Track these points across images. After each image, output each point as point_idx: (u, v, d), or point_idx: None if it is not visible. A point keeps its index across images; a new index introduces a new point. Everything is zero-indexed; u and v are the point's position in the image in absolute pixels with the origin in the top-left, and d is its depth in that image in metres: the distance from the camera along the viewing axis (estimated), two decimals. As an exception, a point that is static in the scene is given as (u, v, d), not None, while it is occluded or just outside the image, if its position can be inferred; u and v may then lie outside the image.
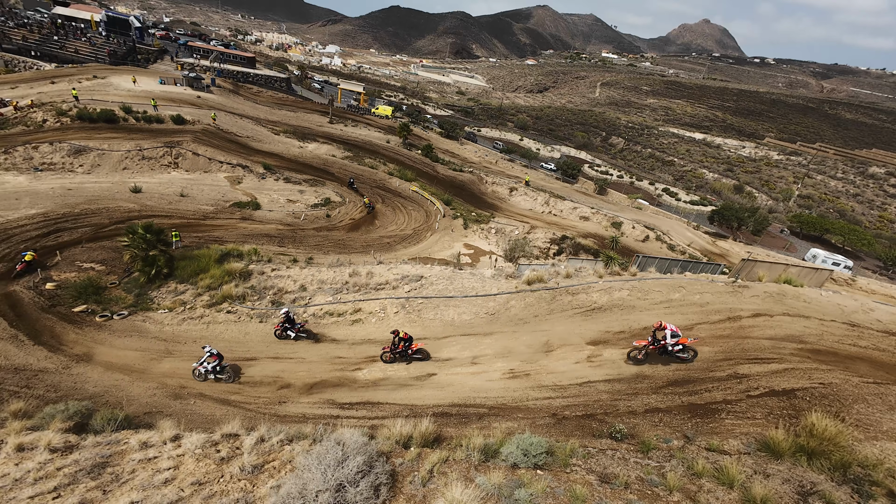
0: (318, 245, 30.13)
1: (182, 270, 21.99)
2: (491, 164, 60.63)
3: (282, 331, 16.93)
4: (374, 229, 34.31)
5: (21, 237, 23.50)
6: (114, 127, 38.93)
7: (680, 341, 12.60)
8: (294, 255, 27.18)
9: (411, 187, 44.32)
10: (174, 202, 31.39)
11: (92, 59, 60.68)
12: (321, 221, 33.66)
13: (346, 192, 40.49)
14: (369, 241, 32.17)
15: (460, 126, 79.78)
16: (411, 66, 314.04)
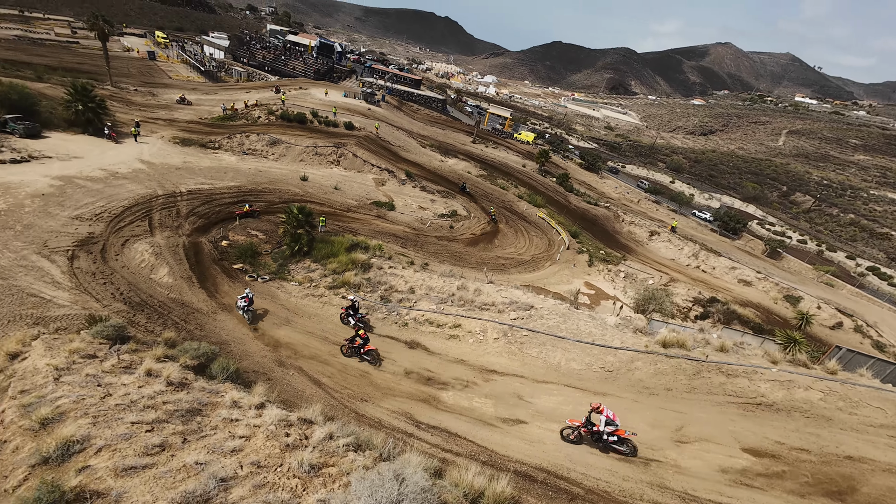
0: (436, 253, 30.32)
1: (318, 252, 24.06)
2: (631, 202, 54.69)
3: (345, 315, 17.87)
4: (492, 248, 33.33)
5: (220, 201, 28.91)
6: (303, 127, 46.23)
7: (617, 432, 10.91)
8: (412, 258, 27.70)
9: (538, 213, 42.27)
10: (328, 193, 35.33)
11: (302, 74, 74.41)
12: (444, 231, 34.03)
13: (472, 208, 40.56)
14: (485, 259, 31.22)
15: (603, 159, 74.54)
16: (562, 98, 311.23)
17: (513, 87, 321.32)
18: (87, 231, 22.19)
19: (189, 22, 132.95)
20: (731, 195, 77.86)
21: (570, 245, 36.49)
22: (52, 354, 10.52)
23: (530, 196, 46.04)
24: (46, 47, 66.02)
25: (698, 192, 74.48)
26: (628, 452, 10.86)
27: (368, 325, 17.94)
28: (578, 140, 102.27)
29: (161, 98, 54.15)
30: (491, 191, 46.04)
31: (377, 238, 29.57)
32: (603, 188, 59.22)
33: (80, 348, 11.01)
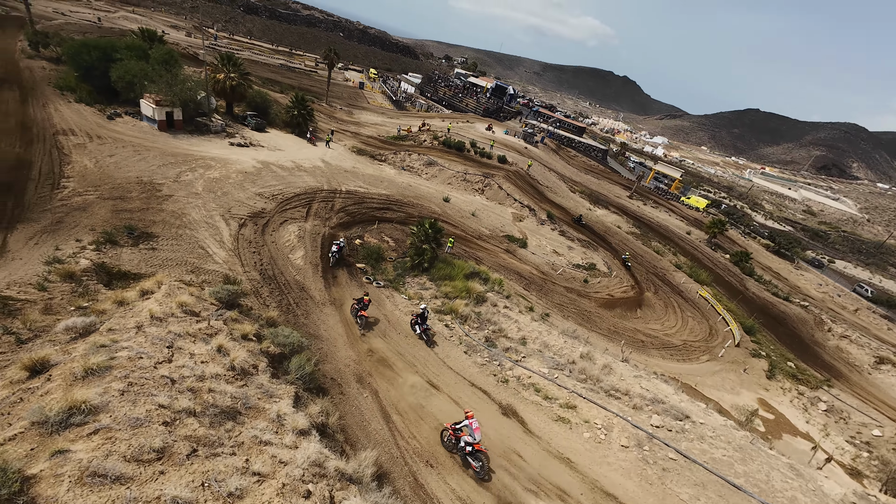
0: (562, 305, 25.92)
1: (437, 271, 22.54)
2: (843, 308, 39.83)
3: (413, 323, 17.41)
4: (631, 317, 27.15)
5: (368, 204, 30.47)
6: (459, 154, 47.48)
7: (475, 446, 9.98)
8: (533, 304, 24.02)
9: (701, 291, 33.65)
10: (465, 217, 34.39)
11: (472, 111, 78.94)
12: (576, 284, 29.32)
13: (615, 266, 34.59)
14: (619, 328, 25.40)
15: (801, 246, 57.87)
16: (747, 171, 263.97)
17: (685, 152, 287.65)
18: (261, 207, 25.22)
19: (397, 65, 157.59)
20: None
21: (742, 342, 27.46)
22: (163, 302, 10.52)
23: (692, 268, 37.41)
24: (295, 73, 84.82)
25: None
26: (479, 471, 9.93)
27: (431, 339, 17.02)
28: (766, 218, 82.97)
29: (356, 117, 63.09)
30: (642, 252, 39.08)
31: (500, 272, 26.87)
32: (798, 281, 45.09)
33: (188, 303, 10.89)
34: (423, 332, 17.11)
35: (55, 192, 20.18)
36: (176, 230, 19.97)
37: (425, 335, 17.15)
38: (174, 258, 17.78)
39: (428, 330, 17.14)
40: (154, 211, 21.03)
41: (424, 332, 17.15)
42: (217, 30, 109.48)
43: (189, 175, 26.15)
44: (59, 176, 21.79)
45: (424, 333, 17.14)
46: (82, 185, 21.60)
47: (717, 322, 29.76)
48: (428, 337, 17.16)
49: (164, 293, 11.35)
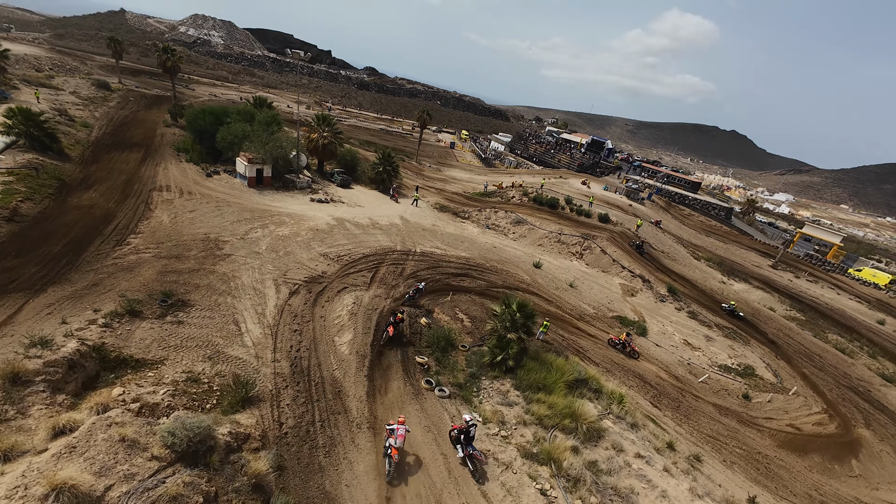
0: (714, 438, 16.84)
1: (525, 374, 15.84)
2: None
3: (455, 437, 11.74)
4: (843, 475, 16.56)
5: (444, 269, 25.53)
6: (552, 212, 41.36)
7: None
8: (671, 437, 15.56)
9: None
10: (560, 289, 27.37)
11: (566, 167, 73.27)
12: (731, 401, 19.81)
13: (786, 373, 23.78)
14: (829, 498, 15.23)
15: None
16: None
17: (818, 211, 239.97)
18: (322, 270, 21.75)
19: (489, 127, 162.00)
20: None
21: None
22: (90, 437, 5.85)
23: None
24: (392, 136, 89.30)
25: None
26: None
27: (480, 469, 11.24)
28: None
29: (443, 174, 61.57)
30: (818, 350, 27.27)
31: (614, 375, 18.98)
32: None
33: (129, 435, 6.10)
34: (468, 459, 11.36)
35: (115, 249, 18.82)
36: (217, 297, 16.81)
37: (471, 463, 11.32)
38: (198, 336, 14.20)
39: (474, 455, 11.30)
40: (204, 272, 18.45)
41: (470, 458, 11.37)
42: (333, 103, 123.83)
43: (258, 232, 24.18)
44: (130, 231, 20.88)
45: (470, 461, 11.34)
46: (147, 241, 20.25)
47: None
48: (475, 466, 11.28)
49: (84, 437, 6.78)
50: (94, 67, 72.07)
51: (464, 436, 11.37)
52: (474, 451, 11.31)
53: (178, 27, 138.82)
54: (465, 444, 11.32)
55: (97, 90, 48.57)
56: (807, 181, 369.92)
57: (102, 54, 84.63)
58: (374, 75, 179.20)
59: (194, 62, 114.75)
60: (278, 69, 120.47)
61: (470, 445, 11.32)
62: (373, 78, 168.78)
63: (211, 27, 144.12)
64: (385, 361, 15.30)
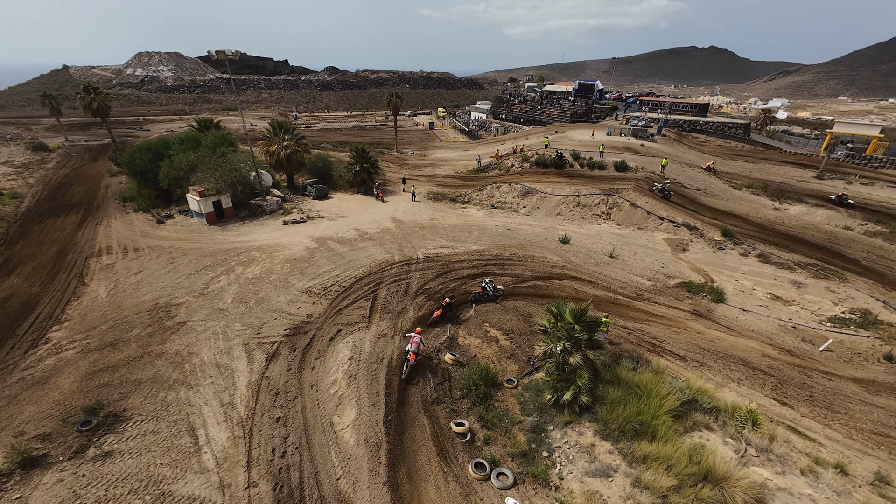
0: (883, 434, 12.00)
1: (609, 410, 11.03)
2: None
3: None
4: None
5: (457, 272, 20.60)
6: (560, 172, 35.94)
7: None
8: (835, 456, 10.77)
9: None
10: (601, 264, 22.32)
11: (558, 119, 66.96)
12: (872, 368, 14.92)
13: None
14: None
15: None
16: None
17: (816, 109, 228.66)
18: (307, 312, 16.94)
19: (464, 99, 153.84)
20: None
21: None
22: None
23: None
24: (366, 130, 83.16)
25: None
26: None
27: None
28: None
29: (429, 157, 55.90)
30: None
31: (711, 370, 14.11)
32: None
33: None
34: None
35: (28, 355, 14.10)
36: (165, 394, 12.09)
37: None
38: (133, 474, 9.52)
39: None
40: (149, 359, 13.70)
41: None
42: (300, 111, 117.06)
43: (222, 280, 19.31)
44: (53, 322, 16.12)
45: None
46: (74, 331, 15.47)
47: None
48: None
49: None
50: (41, 130, 66.77)
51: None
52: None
53: (123, 70, 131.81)
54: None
55: (33, 154, 43.42)
56: (798, 81, 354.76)
57: (48, 116, 78.99)
58: (335, 73, 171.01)
59: (146, 102, 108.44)
60: (235, 90, 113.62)
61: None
62: (335, 76, 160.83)
63: (157, 62, 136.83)
64: (409, 449, 10.49)
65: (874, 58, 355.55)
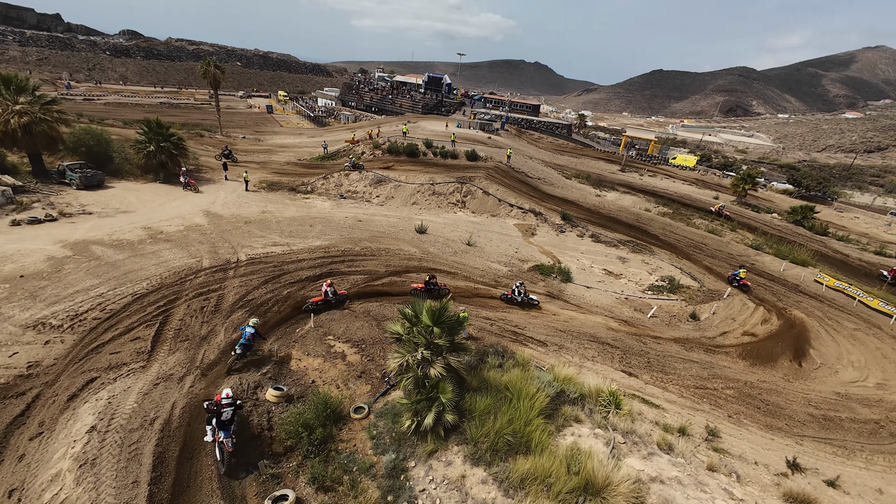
0: (702, 387, 13.55)
1: (479, 426, 9.16)
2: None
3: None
4: (810, 370, 15.25)
5: (294, 275, 16.49)
6: (414, 160, 34.39)
7: None
8: (660, 410, 11.41)
9: (821, 278, 22.95)
10: (459, 253, 21.27)
11: (410, 110, 66.30)
12: (684, 327, 17.23)
13: (695, 269, 23.06)
14: (822, 408, 13.36)
15: (828, 184, 50.82)
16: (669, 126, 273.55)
17: (610, 120, 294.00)
18: (30, 360, 10.67)
19: (309, 85, 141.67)
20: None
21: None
22: None
23: (775, 247, 26.85)
24: (181, 109, 67.55)
25: None
26: None
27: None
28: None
29: (266, 143, 47.92)
30: (699, 238, 28.05)
31: (569, 351, 14.03)
32: (859, 226, 36.59)
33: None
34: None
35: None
36: None
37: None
38: None
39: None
40: None
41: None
42: (76, 80, 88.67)
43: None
44: None
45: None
46: None
47: (891, 329, 18.78)
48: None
49: None
50: None
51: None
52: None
53: None
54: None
55: None
56: (596, 98, 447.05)
57: None
58: (135, 38, 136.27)
59: None
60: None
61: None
62: (134, 42, 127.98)
63: None
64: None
65: (642, 84, 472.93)
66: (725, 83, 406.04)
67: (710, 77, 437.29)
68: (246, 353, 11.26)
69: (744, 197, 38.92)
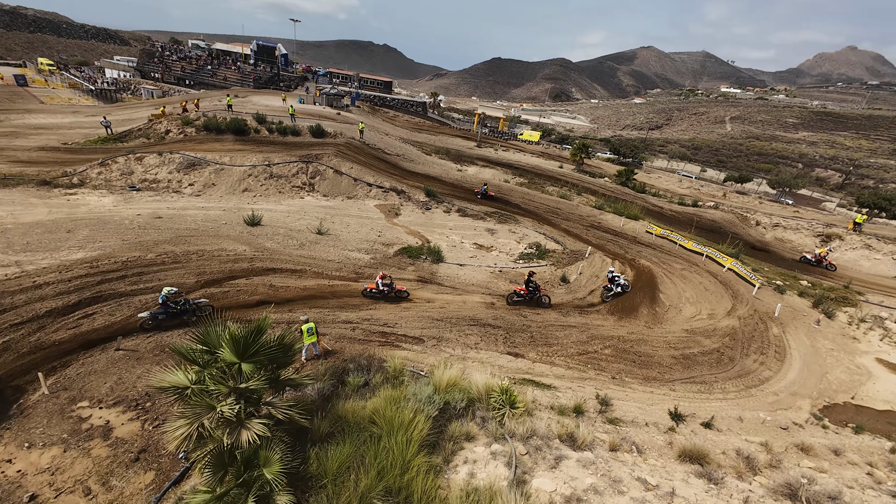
0: (583, 353, 13.12)
1: (332, 490, 6.04)
2: (715, 196, 40.46)
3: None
4: (662, 314, 16.41)
5: (23, 312, 10.29)
6: (242, 139, 27.90)
7: None
8: (553, 391, 10.36)
9: (650, 229, 26.25)
10: (308, 244, 17.24)
11: (238, 84, 55.76)
12: (558, 292, 16.97)
13: (556, 233, 23.84)
14: (679, 347, 14.25)
15: (638, 151, 60.98)
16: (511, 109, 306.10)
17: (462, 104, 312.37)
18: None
19: (95, 54, 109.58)
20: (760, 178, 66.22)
21: (760, 283, 20.16)
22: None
23: (613, 206, 30.02)
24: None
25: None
26: None
27: None
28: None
29: (12, 123, 33.64)
30: (553, 203, 29.64)
31: (451, 343, 11.98)
32: (660, 184, 44.67)
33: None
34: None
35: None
36: None
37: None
38: None
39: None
40: None
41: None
42: None
43: None
44: None
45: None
46: None
47: (704, 265, 22.25)
48: None
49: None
50: None
51: None
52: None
53: None
54: None
55: None
56: (447, 83, 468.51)
57: None
58: None
59: None
60: None
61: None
62: None
63: None
64: None
65: (485, 71, 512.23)
66: (551, 72, 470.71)
67: (539, 66, 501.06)
68: None
69: (581, 165, 43.69)
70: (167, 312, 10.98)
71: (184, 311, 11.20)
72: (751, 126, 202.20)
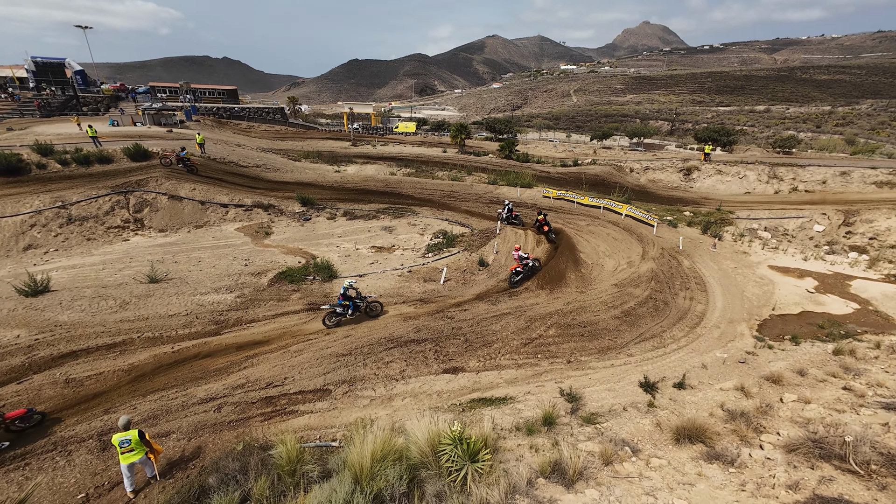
0: (528, 340, 11.13)
1: None
2: (588, 154, 43.36)
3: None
4: (589, 277, 15.44)
5: None
6: (16, 180, 20.00)
7: None
8: (512, 403, 8.13)
9: (547, 193, 26.12)
10: (134, 301, 12.20)
11: (17, 115, 42.39)
12: (480, 279, 14.85)
13: (459, 216, 21.96)
14: (610, 302, 13.28)
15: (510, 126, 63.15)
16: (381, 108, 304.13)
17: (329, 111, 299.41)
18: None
19: None
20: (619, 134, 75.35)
21: (656, 223, 20.84)
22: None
23: (505, 178, 29.48)
24: None
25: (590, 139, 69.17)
26: None
27: None
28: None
29: None
30: (447, 188, 27.91)
31: (364, 374, 8.89)
32: (540, 151, 46.61)
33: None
34: None
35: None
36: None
37: None
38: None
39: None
40: None
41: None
42: None
43: None
44: None
45: None
46: None
47: (604, 215, 22.53)
48: None
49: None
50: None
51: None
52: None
53: None
54: None
55: None
56: (307, 91, 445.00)
57: None
58: None
59: None
60: None
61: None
62: None
63: None
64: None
65: (344, 74, 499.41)
66: (411, 68, 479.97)
67: (398, 64, 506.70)
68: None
69: (463, 146, 43.17)
70: None
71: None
72: (591, 95, 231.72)
